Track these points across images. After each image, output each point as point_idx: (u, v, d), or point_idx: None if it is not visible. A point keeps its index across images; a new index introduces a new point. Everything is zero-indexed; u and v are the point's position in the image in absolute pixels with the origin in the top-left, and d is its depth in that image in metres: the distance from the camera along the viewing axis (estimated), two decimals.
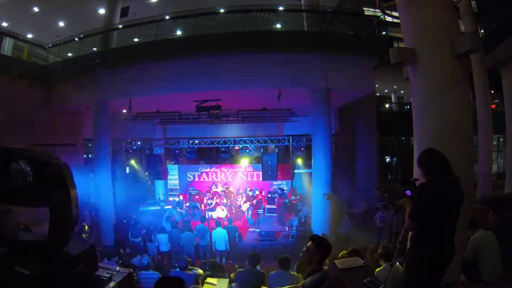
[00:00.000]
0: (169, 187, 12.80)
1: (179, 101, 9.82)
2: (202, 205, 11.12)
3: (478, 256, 3.55)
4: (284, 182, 12.15)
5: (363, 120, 11.81)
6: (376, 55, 8.26)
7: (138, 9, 11.76)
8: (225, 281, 4.42)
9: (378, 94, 17.30)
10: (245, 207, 10.84)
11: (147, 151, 13.99)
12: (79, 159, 11.61)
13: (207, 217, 9.97)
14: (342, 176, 11.57)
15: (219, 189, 11.92)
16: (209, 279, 4.48)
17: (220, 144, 12.26)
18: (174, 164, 13.39)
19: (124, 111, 10.21)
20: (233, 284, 4.34)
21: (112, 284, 1.15)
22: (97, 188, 9.44)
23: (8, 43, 9.88)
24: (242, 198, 11.43)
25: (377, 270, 3.24)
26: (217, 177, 12.56)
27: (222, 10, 9.67)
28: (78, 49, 9.99)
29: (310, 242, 2.54)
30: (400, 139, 17.56)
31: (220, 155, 13.62)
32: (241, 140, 12.09)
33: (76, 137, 11.38)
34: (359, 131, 11.92)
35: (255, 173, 12.31)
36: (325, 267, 2.55)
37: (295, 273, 3.98)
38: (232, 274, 4.71)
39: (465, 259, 3.46)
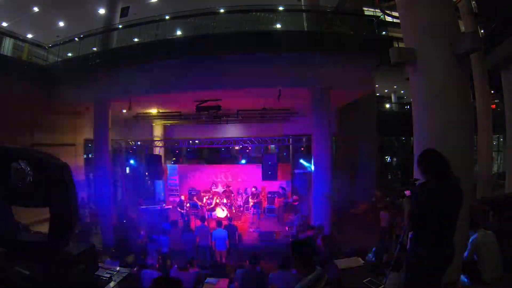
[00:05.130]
0: (169, 187, 12.80)
1: (179, 101, 9.82)
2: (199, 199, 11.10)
3: (478, 256, 3.55)
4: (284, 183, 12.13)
5: (363, 120, 11.82)
6: (376, 55, 8.25)
7: (138, 9, 11.75)
8: (225, 281, 4.43)
9: (378, 94, 17.31)
10: (251, 203, 10.86)
11: (147, 151, 13.98)
12: (79, 159, 11.61)
13: (207, 217, 9.96)
14: (342, 176, 11.57)
15: (220, 189, 11.91)
16: (209, 279, 4.49)
17: (220, 144, 12.24)
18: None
19: (124, 111, 10.20)
20: (233, 284, 4.34)
21: (112, 284, 1.15)
22: (97, 188, 9.42)
23: (8, 43, 9.86)
24: (242, 197, 11.43)
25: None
26: (217, 177, 12.57)
27: (222, 10, 9.65)
28: (78, 49, 9.98)
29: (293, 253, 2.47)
30: (400, 139, 17.55)
31: (220, 155, 13.61)
32: (241, 140, 12.08)
33: (76, 137, 11.39)
34: (359, 131, 11.92)
35: (255, 173, 12.31)
36: (320, 267, 2.51)
37: (295, 273, 3.98)
38: (231, 274, 4.71)
39: (465, 259, 3.46)
